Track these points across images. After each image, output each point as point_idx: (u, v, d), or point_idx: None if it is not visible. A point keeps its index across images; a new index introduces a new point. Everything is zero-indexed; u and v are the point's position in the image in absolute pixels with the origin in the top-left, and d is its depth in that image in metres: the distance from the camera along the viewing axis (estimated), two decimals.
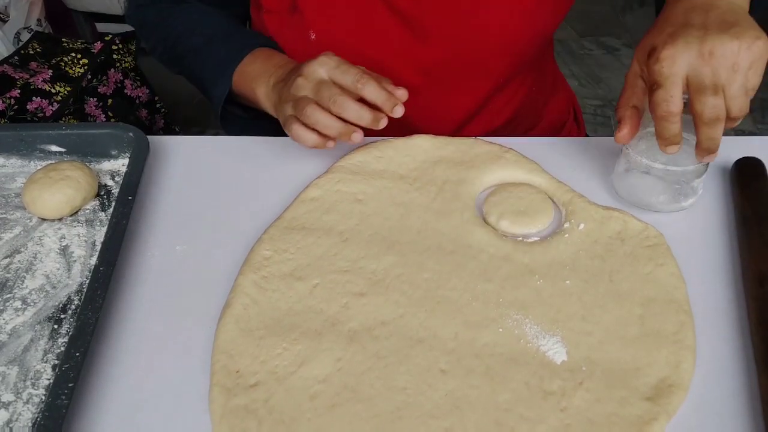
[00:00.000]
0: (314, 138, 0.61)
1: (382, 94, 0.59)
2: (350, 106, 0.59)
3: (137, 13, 0.81)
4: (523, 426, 0.47)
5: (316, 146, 0.62)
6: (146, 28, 0.81)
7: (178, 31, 0.77)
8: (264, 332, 0.53)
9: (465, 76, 0.77)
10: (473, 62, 0.75)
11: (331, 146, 0.62)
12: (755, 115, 2.10)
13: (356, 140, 0.60)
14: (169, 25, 0.78)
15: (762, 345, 0.50)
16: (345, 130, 0.60)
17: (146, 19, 0.81)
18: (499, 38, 0.72)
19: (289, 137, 0.63)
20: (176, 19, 0.77)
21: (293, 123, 0.62)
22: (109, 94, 1.37)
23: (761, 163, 0.65)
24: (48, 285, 0.58)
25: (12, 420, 0.48)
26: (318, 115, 0.60)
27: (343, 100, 0.59)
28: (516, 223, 0.62)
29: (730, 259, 0.60)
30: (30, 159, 0.69)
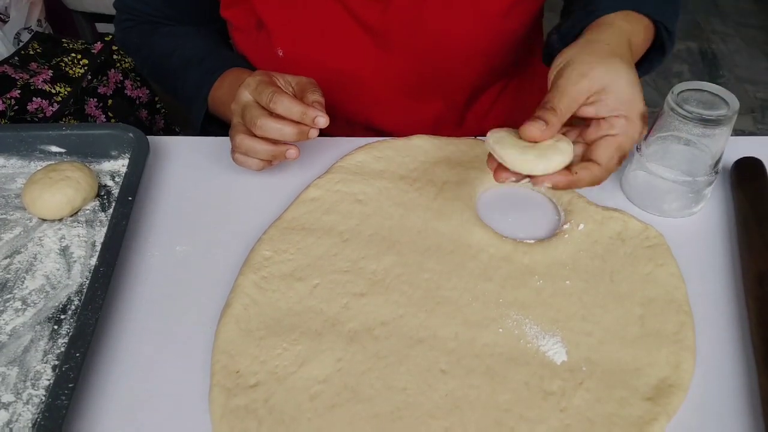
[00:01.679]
0: (255, 163, 0.64)
1: (296, 109, 0.59)
2: (270, 127, 0.59)
3: (122, 35, 0.83)
4: (523, 426, 0.47)
5: (261, 169, 0.64)
6: (131, 49, 0.84)
7: (159, 53, 0.79)
8: (264, 332, 0.53)
9: (434, 85, 0.76)
10: (441, 71, 0.75)
11: (275, 164, 0.65)
12: (755, 115, 2.10)
13: (291, 156, 0.62)
14: (151, 46, 0.80)
15: (762, 345, 0.50)
16: (276, 153, 0.62)
17: (130, 41, 0.83)
18: (465, 45, 0.72)
19: None
20: (157, 41, 0.79)
21: (233, 152, 0.64)
22: (109, 94, 1.37)
23: (761, 163, 0.65)
24: (48, 285, 0.58)
25: (12, 420, 0.48)
26: (247, 143, 0.62)
27: (263, 122, 0.59)
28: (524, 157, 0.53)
29: (730, 259, 0.60)
30: (30, 159, 0.69)
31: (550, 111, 0.52)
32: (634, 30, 0.59)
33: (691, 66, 2.31)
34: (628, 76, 0.53)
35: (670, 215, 0.63)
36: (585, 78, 0.52)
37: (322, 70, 0.72)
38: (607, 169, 0.53)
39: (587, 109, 0.54)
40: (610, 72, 0.53)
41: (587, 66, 0.53)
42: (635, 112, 0.53)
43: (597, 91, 0.53)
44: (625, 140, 0.53)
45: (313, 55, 0.72)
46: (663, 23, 0.61)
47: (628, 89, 0.53)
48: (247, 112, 0.61)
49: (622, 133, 0.53)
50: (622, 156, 0.53)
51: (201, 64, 0.74)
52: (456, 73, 0.75)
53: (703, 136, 0.58)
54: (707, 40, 2.45)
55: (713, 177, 0.61)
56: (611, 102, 0.53)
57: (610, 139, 0.53)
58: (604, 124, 0.53)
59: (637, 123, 0.53)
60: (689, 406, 0.49)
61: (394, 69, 0.74)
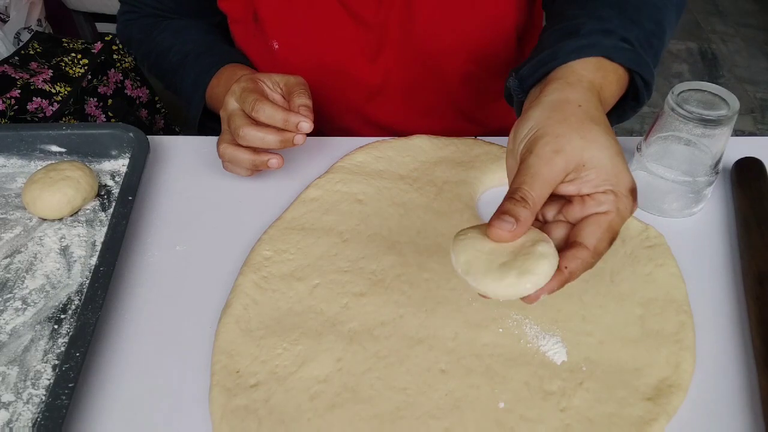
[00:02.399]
0: (242, 171, 0.64)
1: (278, 116, 0.58)
2: (253, 136, 0.59)
3: (124, 30, 0.83)
4: (523, 426, 0.47)
5: (250, 175, 0.65)
6: (132, 44, 0.83)
7: (159, 49, 0.78)
8: (264, 332, 0.53)
9: (428, 78, 0.76)
10: (434, 63, 0.74)
11: (260, 170, 0.65)
12: (755, 115, 2.10)
13: (273, 166, 0.62)
14: (152, 41, 0.79)
15: (762, 345, 0.50)
16: (258, 162, 0.62)
17: (132, 36, 0.82)
18: (457, 37, 0.72)
19: None
20: (157, 36, 0.79)
21: (223, 161, 0.64)
22: (109, 94, 1.37)
23: (761, 163, 0.65)
24: (48, 285, 0.58)
25: (12, 420, 0.48)
26: (230, 152, 0.62)
27: (245, 131, 0.59)
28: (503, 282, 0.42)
29: (730, 259, 0.60)
30: (30, 159, 0.69)
31: (521, 203, 0.42)
32: (604, 81, 0.50)
33: (691, 66, 2.31)
34: (610, 147, 0.44)
35: (670, 215, 0.63)
36: (559, 155, 0.43)
37: (316, 63, 0.72)
38: (598, 252, 0.44)
39: (567, 187, 0.44)
40: (587, 143, 0.44)
41: (562, 139, 0.44)
42: (623, 187, 0.44)
43: (575, 168, 0.44)
44: (616, 218, 0.44)
45: (307, 48, 0.72)
46: (639, 73, 0.53)
47: (613, 162, 0.44)
48: (232, 121, 0.61)
49: (612, 210, 0.44)
50: (612, 237, 0.44)
51: (198, 60, 0.74)
52: (449, 65, 0.75)
53: (703, 136, 0.58)
54: (707, 40, 2.45)
55: (713, 177, 0.61)
56: (594, 177, 0.44)
57: (600, 217, 0.44)
58: (590, 201, 0.44)
59: (627, 199, 0.44)
60: (689, 406, 0.49)
61: (388, 62, 0.74)
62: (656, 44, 0.57)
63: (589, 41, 0.52)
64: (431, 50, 0.73)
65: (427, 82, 0.76)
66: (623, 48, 0.52)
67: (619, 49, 0.52)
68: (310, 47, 0.72)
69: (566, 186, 0.45)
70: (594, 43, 0.51)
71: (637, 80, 0.54)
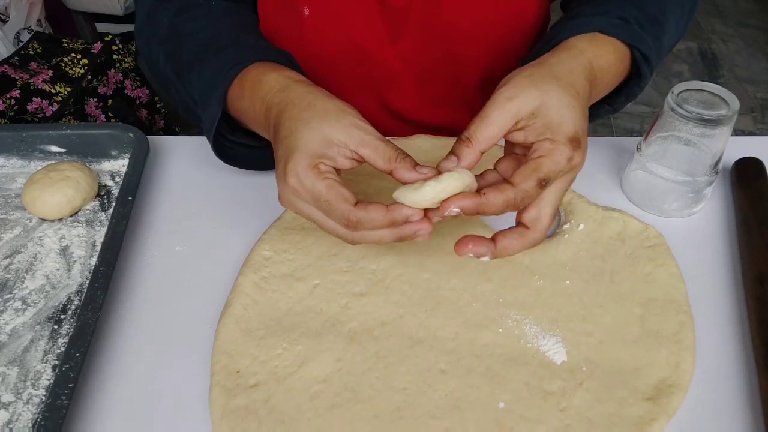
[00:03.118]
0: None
1: (382, 219, 0.48)
2: (369, 240, 0.49)
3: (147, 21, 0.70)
4: (523, 426, 0.47)
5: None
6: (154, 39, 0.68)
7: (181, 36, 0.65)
8: (264, 332, 0.53)
9: (445, 68, 0.76)
10: (453, 54, 0.74)
11: None
12: (755, 115, 2.10)
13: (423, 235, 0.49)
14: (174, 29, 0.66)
15: (762, 345, 0.50)
16: (404, 235, 0.49)
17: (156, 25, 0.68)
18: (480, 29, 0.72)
19: None
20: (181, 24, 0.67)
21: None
22: (109, 94, 1.37)
23: (761, 163, 0.65)
24: (48, 285, 0.58)
25: (12, 420, 0.48)
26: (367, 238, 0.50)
27: (360, 239, 0.49)
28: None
29: (730, 259, 0.60)
30: (30, 159, 0.69)
31: (465, 143, 0.47)
32: (597, 52, 0.54)
33: (691, 66, 2.31)
34: (560, 98, 0.47)
35: (670, 215, 0.63)
36: (512, 101, 0.47)
37: (341, 38, 0.71)
38: (522, 190, 0.46)
39: (516, 135, 0.48)
40: (541, 94, 0.47)
41: (518, 89, 0.48)
42: (562, 135, 0.47)
43: (526, 115, 0.47)
44: (546, 162, 0.46)
45: (335, 20, 0.71)
46: (637, 47, 0.57)
47: (558, 111, 0.47)
48: (331, 230, 0.50)
49: (544, 155, 0.46)
50: (541, 178, 0.46)
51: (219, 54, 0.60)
52: (466, 56, 0.75)
53: (703, 136, 0.58)
54: (707, 40, 2.45)
55: (713, 177, 0.61)
56: (539, 126, 0.47)
57: (530, 161, 0.47)
58: (530, 151, 0.48)
59: (563, 146, 0.47)
60: (689, 406, 0.49)
61: (407, 47, 0.74)
62: (657, 29, 0.60)
63: (584, 20, 0.56)
64: (451, 39, 0.73)
65: (442, 71, 0.76)
66: (618, 24, 0.56)
67: (613, 24, 0.56)
68: (337, 20, 0.71)
69: (516, 134, 0.48)
70: (589, 21, 0.56)
71: (636, 54, 0.57)
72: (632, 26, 0.57)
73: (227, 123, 0.61)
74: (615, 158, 0.69)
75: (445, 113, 0.80)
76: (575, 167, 0.48)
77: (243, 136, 0.62)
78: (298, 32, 0.71)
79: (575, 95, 0.49)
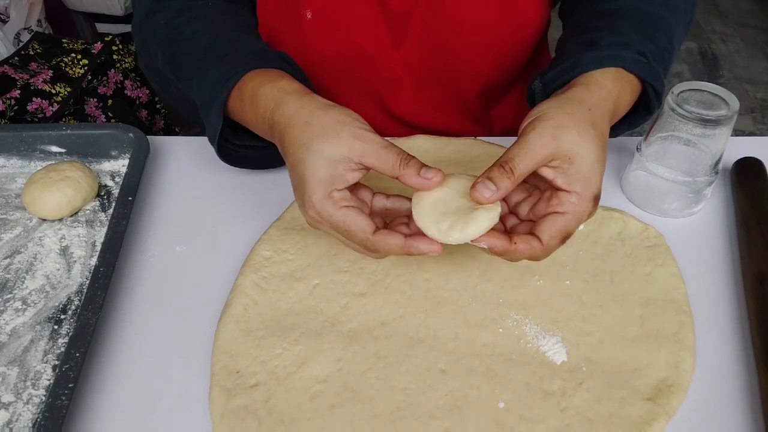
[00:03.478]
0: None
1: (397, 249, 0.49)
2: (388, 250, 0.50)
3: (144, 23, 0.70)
4: (523, 426, 0.47)
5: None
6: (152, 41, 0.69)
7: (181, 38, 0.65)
8: (264, 332, 0.53)
9: (446, 74, 0.76)
10: (455, 61, 0.75)
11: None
12: (755, 115, 2.10)
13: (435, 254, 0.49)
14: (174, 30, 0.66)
15: (762, 345, 0.50)
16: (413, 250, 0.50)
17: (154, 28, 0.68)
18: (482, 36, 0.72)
19: None
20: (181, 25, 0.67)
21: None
22: (109, 94, 1.37)
23: (761, 163, 0.65)
24: (48, 285, 0.58)
25: (12, 420, 0.48)
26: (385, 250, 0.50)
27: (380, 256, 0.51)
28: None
29: (730, 259, 0.60)
30: (30, 159, 0.69)
31: (506, 174, 0.47)
32: (621, 91, 0.55)
33: (691, 66, 2.31)
34: (596, 151, 0.49)
35: (670, 215, 0.63)
36: (555, 140, 0.48)
37: (343, 41, 0.71)
38: (549, 247, 0.48)
39: (546, 171, 0.49)
40: (581, 141, 0.48)
41: (563, 129, 0.48)
42: (589, 192, 0.49)
43: (563, 157, 0.48)
44: (572, 219, 0.48)
45: (337, 23, 0.71)
46: (652, 85, 0.58)
47: (592, 166, 0.48)
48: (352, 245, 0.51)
49: (570, 211, 0.48)
50: (565, 236, 0.49)
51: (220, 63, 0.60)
52: (469, 63, 0.75)
53: (703, 136, 0.58)
54: (707, 40, 2.45)
55: (713, 177, 0.61)
56: (572, 173, 0.48)
57: (557, 216, 0.48)
58: (554, 200, 0.49)
59: (588, 203, 0.49)
60: (689, 406, 0.49)
61: (409, 54, 0.74)
62: (667, 58, 0.61)
63: (609, 53, 0.56)
64: (453, 44, 0.73)
65: (443, 76, 0.76)
66: (640, 61, 0.57)
67: (636, 61, 0.56)
68: (339, 23, 0.71)
69: (546, 170, 0.49)
70: (614, 55, 0.56)
71: (650, 91, 0.58)
72: (651, 64, 0.58)
73: (231, 128, 0.61)
74: (615, 158, 0.69)
75: (445, 118, 0.80)
76: (590, 220, 0.51)
77: (248, 138, 0.62)
78: (300, 35, 0.71)
79: (604, 148, 0.50)
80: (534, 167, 0.48)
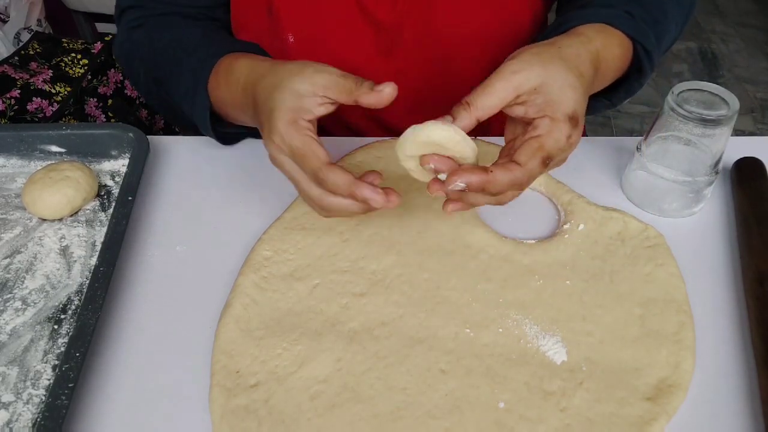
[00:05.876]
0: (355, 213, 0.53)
1: (345, 186, 0.49)
2: (337, 209, 0.51)
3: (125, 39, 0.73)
4: (523, 426, 0.47)
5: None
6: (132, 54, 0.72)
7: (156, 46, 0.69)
8: (264, 332, 0.53)
9: (439, 85, 0.76)
10: (447, 71, 0.74)
11: None
12: (755, 115, 2.10)
13: (391, 205, 0.51)
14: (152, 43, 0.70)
15: (762, 345, 0.50)
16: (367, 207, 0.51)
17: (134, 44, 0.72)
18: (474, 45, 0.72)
19: None
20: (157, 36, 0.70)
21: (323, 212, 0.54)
22: (109, 94, 1.37)
23: (761, 163, 0.65)
24: (48, 285, 0.58)
25: (12, 420, 0.48)
26: (336, 208, 0.51)
27: (328, 205, 0.51)
28: None
29: (730, 259, 0.60)
30: (30, 159, 0.69)
31: (463, 105, 0.49)
32: (605, 42, 0.56)
33: (691, 66, 2.31)
34: (564, 77, 0.49)
35: (670, 215, 0.63)
36: (516, 75, 0.48)
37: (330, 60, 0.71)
38: (528, 169, 0.48)
39: (516, 108, 0.50)
40: (545, 72, 0.49)
41: (523, 63, 0.49)
42: (561, 113, 0.48)
43: (527, 90, 0.49)
44: (547, 140, 0.48)
45: (321, 43, 0.72)
46: (640, 42, 0.58)
47: (560, 90, 0.49)
48: (303, 192, 0.53)
49: (544, 133, 0.48)
50: (545, 157, 0.48)
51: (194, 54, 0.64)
52: (461, 72, 0.75)
53: (703, 136, 0.58)
54: (707, 40, 2.45)
55: (713, 177, 0.61)
56: (540, 102, 0.49)
57: (533, 140, 0.49)
58: (530, 128, 0.49)
59: (562, 124, 0.48)
60: (689, 406, 0.49)
61: (399, 68, 0.74)
62: (659, 29, 0.62)
63: (593, 11, 0.58)
64: (444, 53, 0.73)
65: (435, 85, 0.76)
66: (625, 17, 0.58)
67: (620, 17, 0.58)
68: (324, 42, 0.71)
69: (516, 108, 0.50)
70: (598, 12, 0.58)
71: (639, 49, 0.59)
72: (638, 21, 0.59)
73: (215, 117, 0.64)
74: (615, 158, 0.70)
75: None
76: (572, 145, 0.50)
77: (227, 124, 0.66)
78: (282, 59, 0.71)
79: (579, 76, 0.51)
80: (496, 104, 0.49)
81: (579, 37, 0.54)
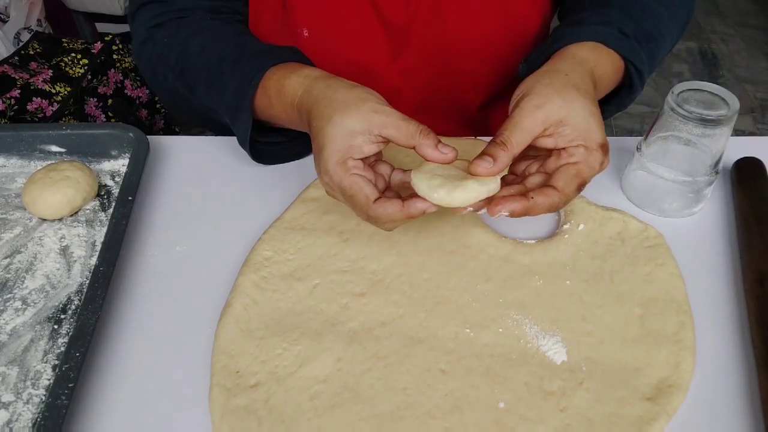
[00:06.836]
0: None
1: (396, 216, 0.51)
2: (395, 226, 0.53)
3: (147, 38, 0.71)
4: (523, 426, 0.47)
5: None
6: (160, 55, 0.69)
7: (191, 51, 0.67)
8: (264, 332, 0.53)
9: (448, 86, 0.76)
10: (457, 71, 0.75)
11: None
12: (755, 115, 2.10)
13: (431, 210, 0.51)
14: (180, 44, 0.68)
15: (762, 345, 0.50)
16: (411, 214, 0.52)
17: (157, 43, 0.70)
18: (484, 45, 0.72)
19: None
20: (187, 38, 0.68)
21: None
22: (109, 94, 1.37)
23: (761, 163, 0.65)
24: (48, 285, 0.58)
25: (12, 420, 0.48)
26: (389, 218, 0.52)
27: (389, 228, 0.53)
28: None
29: (730, 259, 0.60)
30: (30, 159, 0.69)
31: (500, 146, 0.50)
32: (598, 61, 0.58)
33: (691, 66, 2.31)
34: (584, 107, 0.52)
35: (670, 215, 0.63)
36: (541, 110, 0.51)
37: (341, 57, 0.72)
38: (565, 194, 0.51)
39: (546, 140, 0.52)
40: (566, 103, 0.51)
41: (544, 98, 0.51)
42: (594, 142, 0.52)
43: (554, 123, 0.51)
44: (584, 168, 0.51)
45: (334, 39, 0.72)
46: (632, 61, 0.60)
47: (585, 120, 0.51)
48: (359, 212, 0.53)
49: (582, 161, 0.51)
50: (580, 183, 0.52)
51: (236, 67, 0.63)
52: (469, 73, 0.75)
53: (703, 136, 0.58)
54: (707, 40, 2.45)
55: (713, 177, 0.61)
56: (569, 133, 0.51)
57: (570, 166, 0.52)
58: (564, 153, 0.52)
59: (596, 152, 0.52)
60: (689, 406, 0.49)
61: (408, 65, 0.74)
62: (653, 46, 0.63)
63: (588, 29, 0.60)
64: (453, 55, 0.73)
65: (442, 87, 0.76)
66: (618, 36, 0.60)
67: (613, 36, 0.59)
68: (337, 38, 0.71)
69: (545, 140, 0.52)
70: (592, 30, 0.59)
71: (630, 68, 0.61)
72: (631, 41, 0.60)
73: (256, 127, 0.63)
74: (615, 158, 0.69)
75: (445, 129, 0.79)
76: (603, 169, 0.53)
77: (272, 135, 0.66)
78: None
79: (594, 103, 0.53)
80: (528, 140, 0.51)
81: (573, 60, 0.57)
